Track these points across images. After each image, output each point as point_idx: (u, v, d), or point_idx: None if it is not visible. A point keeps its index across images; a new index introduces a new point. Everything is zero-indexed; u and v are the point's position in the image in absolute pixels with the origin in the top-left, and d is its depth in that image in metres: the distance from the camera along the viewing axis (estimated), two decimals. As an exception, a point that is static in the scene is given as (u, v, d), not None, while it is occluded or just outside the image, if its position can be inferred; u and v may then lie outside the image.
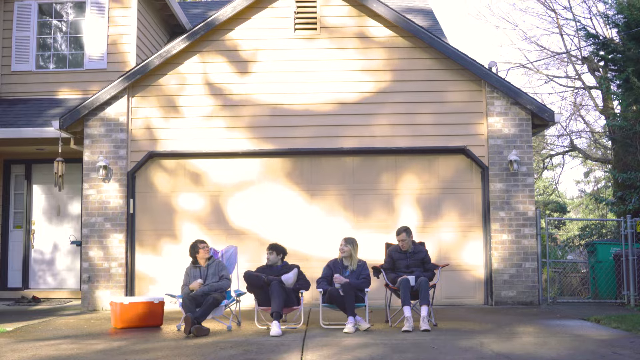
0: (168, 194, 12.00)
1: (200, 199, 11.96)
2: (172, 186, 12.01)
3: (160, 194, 12.01)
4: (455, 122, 11.78)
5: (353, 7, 12.07)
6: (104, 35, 14.10)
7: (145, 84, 12.04)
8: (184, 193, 11.99)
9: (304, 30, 12.09)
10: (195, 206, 11.96)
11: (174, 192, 12.00)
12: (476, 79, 11.83)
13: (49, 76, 14.20)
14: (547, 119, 11.66)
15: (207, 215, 11.95)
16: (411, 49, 11.99)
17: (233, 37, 12.11)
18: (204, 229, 11.88)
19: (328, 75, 11.95)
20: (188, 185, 11.99)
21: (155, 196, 12.00)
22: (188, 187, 11.99)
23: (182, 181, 12.02)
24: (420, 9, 19.10)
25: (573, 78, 24.86)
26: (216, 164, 12.00)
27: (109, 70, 13.92)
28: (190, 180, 12.00)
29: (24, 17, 14.35)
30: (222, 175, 11.99)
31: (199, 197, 11.96)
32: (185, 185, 12.00)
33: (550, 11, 25.25)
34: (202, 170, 12.01)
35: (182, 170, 12.03)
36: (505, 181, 11.59)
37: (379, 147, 11.79)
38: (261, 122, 11.90)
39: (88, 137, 11.93)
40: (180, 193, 12.00)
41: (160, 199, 11.99)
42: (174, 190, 12.01)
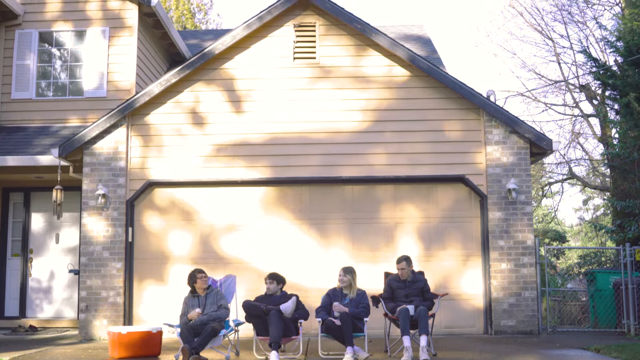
0: (167, 223, 11.98)
1: (199, 228, 11.94)
2: (170, 215, 12.00)
3: (159, 222, 11.99)
4: (454, 150, 11.80)
5: (352, 37, 12.14)
6: (104, 63, 14.18)
7: (145, 112, 12.07)
8: (183, 222, 11.97)
9: (303, 59, 12.15)
10: (194, 235, 11.94)
11: (173, 221, 11.98)
12: (474, 108, 11.87)
13: (49, 104, 14.25)
14: (546, 147, 11.68)
15: (205, 244, 11.92)
16: (410, 77, 12.04)
17: (232, 66, 12.17)
18: (202, 257, 11.84)
19: (327, 104, 11.99)
20: (187, 214, 11.98)
21: (154, 225, 11.98)
22: (187, 216, 11.98)
23: (181, 210, 12.00)
24: (419, 37, 19.22)
25: (571, 106, 24.96)
26: (215, 192, 11.99)
27: (108, 99, 13.99)
28: (189, 209, 11.99)
29: (24, 45, 14.44)
30: (221, 204, 11.97)
31: (198, 226, 11.95)
32: (184, 214, 11.98)
33: (548, 39, 25.42)
34: (201, 199, 12.00)
35: (181, 199, 12.02)
36: (504, 210, 11.58)
37: (378, 176, 11.80)
38: (260, 151, 11.92)
39: (87, 165, 11.94)
40: (179, 222, 11.98)
41: (159, 227, 11.97)
42: (173, 218, 11.99)
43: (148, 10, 14.46)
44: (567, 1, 25.19)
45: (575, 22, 24.80)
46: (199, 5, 35.60)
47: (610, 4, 24.59)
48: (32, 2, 14.59)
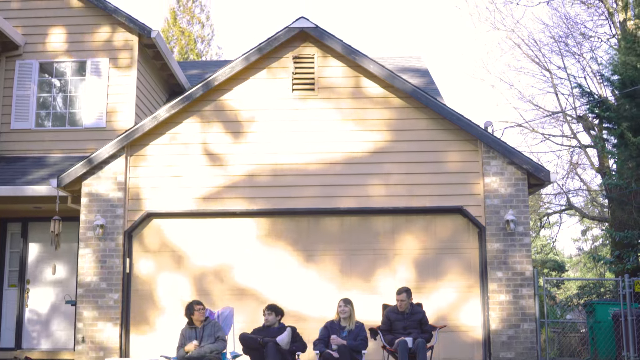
0: (165, 253, 11.95)
1: (197, 259, 11.91)
2: (168, 246, 11.97)
3: (157, 253, 11.96)
4: (452, 182, 11.82)
5: (350, 68, 12.23)
6: (103, 94, 14.25)
7: (143, 143, 12.11)
8: (181, 253, 11.94)
9: (301, 90, 12.22)
10: (192, 266, 11.91)
11: (171, 252, 11.96)
12: (472, 139, 11.91)
13: (48, 134, 14.29)
14: (543, 178, 11.71)
15: (204, 275, 11.88)
16: (407, 109, 12.11)
17: (231, 97, 12.23)
18: (200, 288, 11.80)
19: (325, 135, 12.04)
20: (185, 246, 11.95)
21: (152, 255, 11.95)
22: (185, 247, 11.95)
23: (179, 241, 11.98)
24: (416, 69, 19.35)
25: (569, 137, 25.07)
26: (214, 223, 11.99)
27: (107, 129, 14.03)
28: (187, 240, 11.97)
29: (24, 75, 14.52)
30: (220, 235, 11.96)
31: (196, 257, 11.92)
32: (182, 245, 11.96)
33: (545, 71, 25.62)
34: (200, 230, 11.99)
35: (179, 230, 12.01)
36: (503, 241, 11.57)
37: (376, 207, 11.80)
38: (258, 182, 11.93)
39: (85, 195, 11.94)
40: (177, 253, 11.95)
41: (158, 258, 11.94)
42: (171, 249, 11.96)
43: (148, 42, 14.57)
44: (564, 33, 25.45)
45: (572, 54, 25.01)
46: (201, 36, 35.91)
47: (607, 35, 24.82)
48: (33, 33, 14.70)
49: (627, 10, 22.26)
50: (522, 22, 39.02)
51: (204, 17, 36.68)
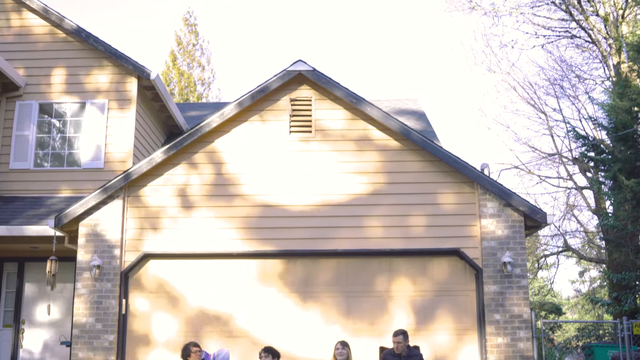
0: (161, 295, 11.91)
1: (194, 301, 11.86)
2: (165, 287, 11.94)
3: (154, 294, 11.92)
4: (449, 224, 11.85)
5: (347, 111, 12.34)
6: (102, 135, 14.35)
7: (141, 184, 12.16)
8: (178, 294, 11.90)
9: (298, 132, 12.32)
10: (189, 307, 11.85)
11: (167, 293, 11.92)
12: (468, 181, 11.98)
13: (47, 175, 14.36)
14: (540, 220, 11.74)
15: (200, 317, 11.82)
16: (404, 151, 12.19)
17: (228, 139, 12.31)
18: (196, 330, 11.73)
19: (322, 176, 12.10)
20: (182, 287, 11.92)
21: (148, 297, 11.91)
22: (182, 288, 11.92)
23: (175, 282, 11.95)
24: (413, 111, 19.52)
25: (565, 178, 25.18)
26: (211, 264, 11.97)
27: (105, 170, 14.11)
28: (184, 281, 11.94)
29: (24, 116, 14.63)
30: (217, 276, 11.94)
31: (192, 298, 11.87)
32: (179, 285, 11.93)
33: (540, 113, 25.84)
34: (197, 271, 11.97)
35: (177, 270, 11.98)
36: (500, 283, 11.56)
37: (373, 249, 11.81)
38: (256, 223, 11.95)
39: (82, 236, 11.95)
40: (174, 294, 11.91)
41: (154, 299, 11.90)
42: (167, 291, 11.93)
43: (147, 84, 14.72)
44: (559, 76, 25.75)
45: (567, 96, 25.27)
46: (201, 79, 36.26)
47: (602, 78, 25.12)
48: (34, 75, 14.86)
49: (621, 54, 22.57)
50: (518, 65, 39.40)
51: (204, 60, 37.12)
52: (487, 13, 27.30)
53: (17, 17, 15.24)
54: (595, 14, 23.86)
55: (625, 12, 23.04)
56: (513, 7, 26.83)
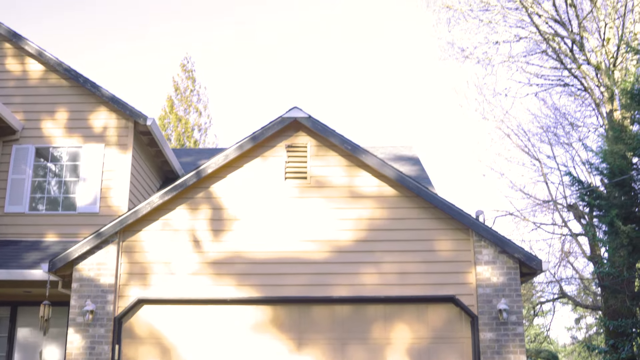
0: (154, 340, 11.81)
1: (188, 346, 11.76)
2: (158, 332, 11.84)
3: (146, 340, 11.82)
4: (444, 270, 11.83)
5: (342, 157, 12.41)
6: (97, 179, 14.38)
7: (136, 229, 12.14)
8: (171, 340, 11.79)
9: (294, 179, 12.36)
10: (183, 353, 11.74)
11: (160, 339, 11.81)
12: (464, 228, 12.00)
13: (42, 219, 14.34)
14: (535, 267, 11.73)
15: (193, 363, 11.72)
16: (399, 198, 12.23)
17: (224, 185, 12.35)
18: (189, 377, 11.62)
19: (318, 223, 12.11)
20: (175, 332, 11.82)
21: (142, 343, 11.80)
22: (175, 334, 11.82)
23: (169, 328, 11.85)
24: (408, 157, 19.63)
25: (560, 225, 25.20)
26: (205, 310, 11.90)
27: (101, 215, 14.10)
28: (177, 326, 11.85)
29: (20, 160, 14.67)
30: (211, 323, 11.85)
31: (185, 344, 11.76)
32: (172, 332, 11.83)
33: (534, 160, 25.98)
34: (191, 317, 11.88)
35: (170, 316, 11.90)
36: (495, 330, 11.49)
37: (368, 295, 11.76)
38: (250, 269, 11.92)
39: (76, 280, 11.88)
40: (167, 340, 11.80)
41: (148, 345, 11.79)
42: (160, 336, 11.82)
43: (144, 129, 14.81)
44: (552, 123, 25.97)
45: (561, 144, 25.45)
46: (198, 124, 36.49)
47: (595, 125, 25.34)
48: (31, 119, 14.95)
49: (614, 102, 22.81)
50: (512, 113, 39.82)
51: (201, 106, 37.42)
52: (480, 62, 27.63)
53: (15, 61, 15.39)
54: (587, 62, 24.17)
55: (617, 60, 23.35)
56: (506, 56, 27.21)
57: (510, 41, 26.97)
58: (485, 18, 27.14)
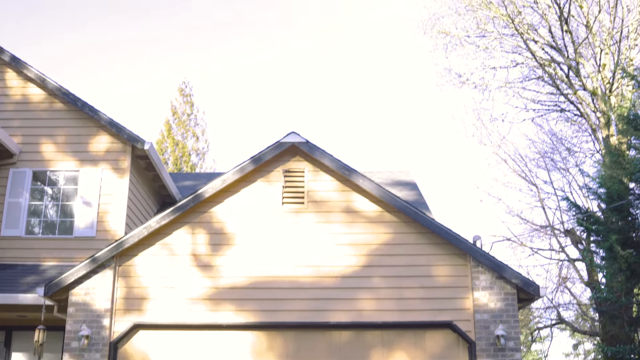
0: (150, 366, 11.73)
1: (183, 372, 11.69)
2: (155, 358, 11.75)
3: (141, 365, 11.74)
4: (442, 296, 11.78)
5: (340, 182, 12.42)
6: (94, 203, 14.35)
7: (132, 253, 12.11)
8: (166, 365, 11.72)
9: (291, 204, 12.36)
10: (177, 379, 11.67)
11: (156, 364, 11.74)
12: (461, 253, 11.98)
13: (38, 242, 14.30)
14: (533, 293, 11.70)
15: (188, 389, 11.62)
16: (397, 223, 12.22)
17: (221, 209, 12.34)
18: (184, 403, 11.52)
19: (315, 248, 12.08)
20: (173, 358, 11.74)
21: (136, 368, 11.72)
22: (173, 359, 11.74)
23: (165, 354, 11.77)
24: (405, 183, 19.65)
25: (557, 250, 25.18)
26: (201, 335, 11.82)
27: (97, 239, 14.06)
28: (174, 352, 11.77)
29: (18, 183, 14.65)
30: (208, 348, 11.77)
31: (181, 369, 11.70)
32: (170, 357, 11.74)
33: (532, 185, 26.01)
34: (187, 342, 11.80)
35: (167, 341, 11.82)
36: (493, 356, 11.43)
37: (366, 321, 11.70)
38: (248, 294, 11.87)
39: (72, 305, 11.82)
40: (162, 365, 11.73)
41: (142, 371, 11.71)
42: (156, 362, 11.75)
43: (141, 153, 14.82)
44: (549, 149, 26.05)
45: (558, 169, 25.50)
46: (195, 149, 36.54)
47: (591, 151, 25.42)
48: (29, 142, 14.95)
49: (610, 127, 22.91)
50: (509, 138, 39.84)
51: (199, 130, 37.51)
52: (477, 87, 27.79)
53: (13, 85, 15.42)
54: (583, 88, 24.30)
55: (612, 85, 23.48)
56: (502, 81, 27.36)
57: (507, 67, 27.16)
58: (481, 44, 27.34)
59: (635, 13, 23.85)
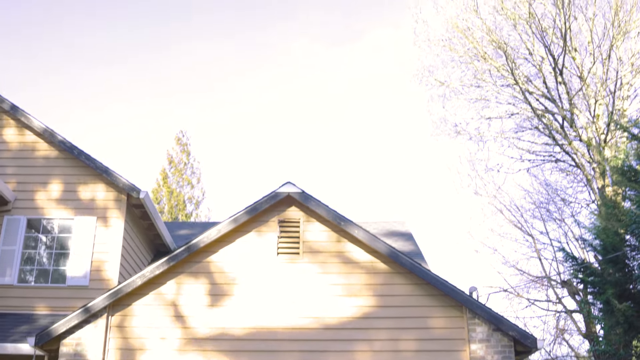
0: (141, 419, 11.52)
1: None
2: (145, 410, 11.56)
3: (132, 418, 11.52)
4: (438, 348, 11.64)
5: (335, 233, 12.38)
6: (88, 252, 14.26)
7: (126, 303, 11.99)
8: (158, 418, 11.51)
9: (286, 254, 12.31)
10: None
11: (147, 417, 11.53)
12: (457, 305, 11.88)
13: (31, 291, 14.16)
14: (530, 345, 11.58)
15: None
16: (392, 274, 12.15)
17: (216, 259, 12.28)
18: None
19: (310, 299, 11.98)
20: (162, 410, 11.56)
21: (127, 421, 11.51)
22: (162, 412, 11.55)
23: (156, 405, 11.59)
24: (401, 233, 19.60)
25: (554, 302, 24.99)
26: (193, 387, 11.66)
27: (90, 288, 13.93)
28: (164, 404, 11.59)
29: (12, 231, 14.57)
30: (198, 400, 11.60)
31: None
32: (159, 409, 11.56)
33: (527, 236, 25.96)
34: (178, 394, 11.64)
35: (157, 393, 11.65)
36: (490, 411, 11.25)
37: (360, 373, 11.55)
38: (243, 345, 11.72)
39: (63, 356, 11.65)
40: (154, 418, 11.52)
41: None
42: (147, 414, 11.54)
43: (136, 202, 14.79)
44: (545, 199, 26.06)
45: (554, 219, 25.47)
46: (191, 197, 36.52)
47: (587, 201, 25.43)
48: (24, 190, 14.91)
49: (605, 178, 22.96)
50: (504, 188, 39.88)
51: (195, 179, 37.56)
52: (472, 138, 27.92)
53: (9, 132, 15.45)
54: (578, 138, 24.44)
55: (607, 136, 23.63)
56: (497, 132, 27.50)
57: (502, 117, 27.34)
58: (477, 95, 27.58)
59: (628, 64, 24.14)
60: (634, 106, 24.79)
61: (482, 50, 26.27)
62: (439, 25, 28.62)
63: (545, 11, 25.05)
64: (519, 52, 26.25)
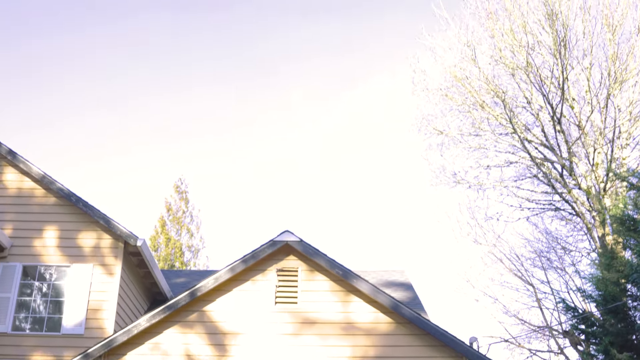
0: None
1: None
2: None
3: None
4: (438, 401, 11.45)
5: (334, 282, 12.27)
6: (84, 300, 14.10)
7: (122, 352, 11.83)
8: None
9: (284, 304, 12.18)
10: None
11: None
12: (457, 356, 11.71)
13: (25, 339, 13.95)
14: (532, 399, 11.38)
15: None
16: (392, 324, 12.00)
17: (214, 308, 12.14)
18: None
19: (308, 349, 11.82)
20: None
21: None
22: None
23: None
24: (400, 283, 19.43)
25: (556, 352, 24.67)
26: None
27: (86, 336, 13.74)
28: None
29: (7, 278, 14.43)
30: None
31: None
32: None
33: (528, 285, 25.73)
34: None
35: None
36: None
37: None
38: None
39: (56, 407, 11.45)
40: None
41: None
42: None
43: (134, 250, 14.68)
44: (545, 248, 25.91)
45: (554, 268, 25.29)
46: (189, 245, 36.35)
47: (587, 250, 25.28)
48: (20, 236, 14.80)
49: (605, 226, 22.85)
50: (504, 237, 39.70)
51: (194, 227, 37.43)
52: (471, 186, 27.85)
53: (6, 178, 15.40)
54: (578, 187, 24.39)
55: (606, 184, 23.59)
56: (497, 180, 27.46)
57: (501, 166, 27.32)
58: (476, 143, 27.61)
59: (626, 113, 24.23)
60: (633, 154, 24.81)
61: (480, 99, 26.39)
62: (437, 75, 28.64)
63: (543, 61, 25.24)
64: (517, 100, 26.36)
